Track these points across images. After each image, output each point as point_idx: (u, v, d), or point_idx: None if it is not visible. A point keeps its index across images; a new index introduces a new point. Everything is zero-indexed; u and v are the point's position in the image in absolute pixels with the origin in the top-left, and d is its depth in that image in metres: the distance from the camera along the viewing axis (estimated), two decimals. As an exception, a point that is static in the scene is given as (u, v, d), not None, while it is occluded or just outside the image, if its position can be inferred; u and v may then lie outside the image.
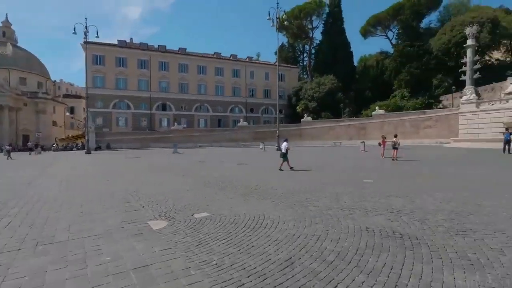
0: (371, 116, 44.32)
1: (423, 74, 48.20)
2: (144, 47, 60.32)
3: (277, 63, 38.96)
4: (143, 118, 58.26)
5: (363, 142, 28.36)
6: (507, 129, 21.20)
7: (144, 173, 13.91)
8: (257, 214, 5.94)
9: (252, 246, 4.22)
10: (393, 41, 65.42)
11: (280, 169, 13.37)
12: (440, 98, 50.15)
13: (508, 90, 34.00)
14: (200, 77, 62.60)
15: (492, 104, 33.62)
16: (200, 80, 62.69)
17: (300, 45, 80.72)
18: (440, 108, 45.97)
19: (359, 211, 5.97)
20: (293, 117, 59.98)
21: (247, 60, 69.46)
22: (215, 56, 66.29)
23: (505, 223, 4.95)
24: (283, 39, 76.51)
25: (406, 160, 17.44)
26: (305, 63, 78.77)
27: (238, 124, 55.09)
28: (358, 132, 43.51)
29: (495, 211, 5.74)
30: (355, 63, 70.06)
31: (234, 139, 50.86)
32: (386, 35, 72.85)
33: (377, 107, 44.26)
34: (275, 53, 42.05)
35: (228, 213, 6.09)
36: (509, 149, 19.72)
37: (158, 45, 62.46)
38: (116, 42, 58.42)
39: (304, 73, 77.80)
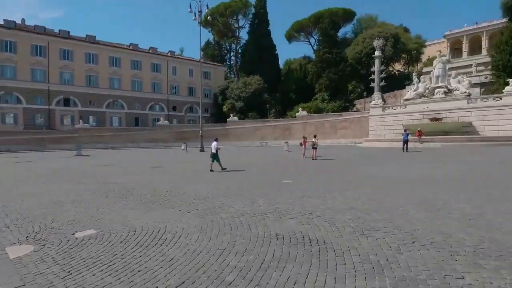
0: (295, 117, 47.01)
1: (340, 80, 53.40)
2: (40, 30, 51.92)
3: (200, 60, 38.00)
4: (39, 115, 50.09)
5: (287, 142, 29.66)
6: (405, 130, 24.76)
7: (28, 181, 11.56)
8: (158, 227, 5.22)
9: (139, 270, 3.53)
10: (315, 47, 71.01)
11: (223, 169, 13.50)
12: (354, 102, 56.39)
13: (405, 97, 40.07)
14: (113, 70, 57.04)
15: (394, 109, 39.14)
16: (113, 73, 57.14)
17: (227, 44, 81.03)
18: (354, 111, 51.58)
19: (272, 216, 5.79)
20: (219, 117, 59.61)
21: (168, 54, 66.29)
22: (131, 47, 61.35)
23: (402, 219, 5.35)
24: (209, 35, 75.71)
25: (324, 159, 18.70)
26: (232, 62, 79.35)
27: (158, 123, 52.01)
28: (283, 132, 45.57)
29: (394, 207, 6.24)
30: (281, 66, 73.70)
31: (153, 140, 47.76)
32: (309, 41, 78.78)
33: (300, 109, 47.19)
34: (201, 50, 40.97)
35: (122, 228, 5.21)
36: (406, 148, 23.01)
37: (59, 30, 54.62)
38: (1, 22, 48.86)
39: (231, 72, 78.36)
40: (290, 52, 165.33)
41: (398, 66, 75.88)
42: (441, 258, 3.63)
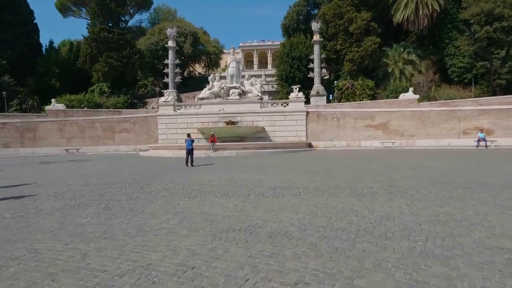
0: (45, 112, 31.43)
1: (126, 69, 42.17)
2: None
3: None
4: None
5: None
6: (189, 135, 17.08)
7: None
8: None
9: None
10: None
11: None
12: (147, 100, 47.08)
13: (200, 96, 34.58)
14: None
15: (188, 108, 32.69)
16: None
17: None
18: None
19: None
20: None
21: None
22: None
23: None
24: None
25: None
26: None
27: None
28: (22, 135, 29.07)
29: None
30: (47, 44, 53.30)
31: None
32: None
33: (53, 100, 31.79)
34: None
35: None
36: (191, 161, 15.37)
37: None
38: None
39: None
40: (74, 34, 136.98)
41: (199, 68, 73.81)
42: None
